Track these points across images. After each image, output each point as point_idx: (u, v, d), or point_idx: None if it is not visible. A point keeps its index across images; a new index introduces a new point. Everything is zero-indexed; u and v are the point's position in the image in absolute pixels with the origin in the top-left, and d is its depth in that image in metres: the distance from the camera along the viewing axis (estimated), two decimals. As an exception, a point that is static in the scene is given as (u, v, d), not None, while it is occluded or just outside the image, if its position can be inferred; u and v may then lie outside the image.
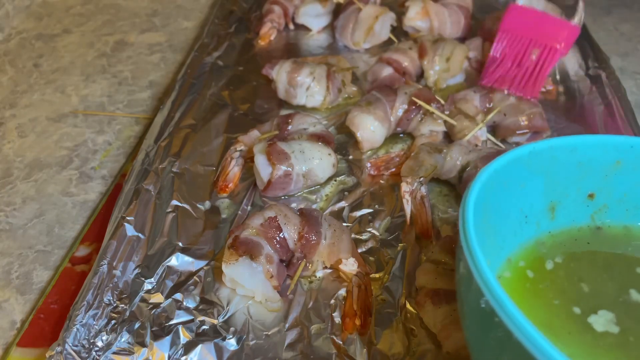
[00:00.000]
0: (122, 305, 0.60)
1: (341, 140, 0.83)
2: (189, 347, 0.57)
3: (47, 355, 0.55)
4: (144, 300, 0.61)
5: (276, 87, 0.89)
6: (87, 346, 0.57)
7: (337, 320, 0.60)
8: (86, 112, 0.95)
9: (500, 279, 0.49)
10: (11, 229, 0.76)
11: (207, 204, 0.73)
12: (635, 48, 1.08)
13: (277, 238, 0.63)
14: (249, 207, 0.73)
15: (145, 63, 1.07)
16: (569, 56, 0.99)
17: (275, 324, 0.60)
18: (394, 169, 0.78)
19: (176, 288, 0.63)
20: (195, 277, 0.64)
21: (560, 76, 0.96)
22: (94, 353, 0.56)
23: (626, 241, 0.54)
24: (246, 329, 0.59)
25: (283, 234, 0.63)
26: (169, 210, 0.72)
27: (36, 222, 0.76)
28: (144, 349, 0.57)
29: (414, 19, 1.03)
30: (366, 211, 0.72)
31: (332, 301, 0.62)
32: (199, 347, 0.57)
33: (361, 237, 0.69)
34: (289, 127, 0.78)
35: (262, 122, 0.83)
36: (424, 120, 0.81)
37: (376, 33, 1.02)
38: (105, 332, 0.58)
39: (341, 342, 0.58)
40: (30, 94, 1.00)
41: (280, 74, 0.88)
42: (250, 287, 0.61)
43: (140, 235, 0.68)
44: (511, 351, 0.37)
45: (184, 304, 0.61)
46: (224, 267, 0.61)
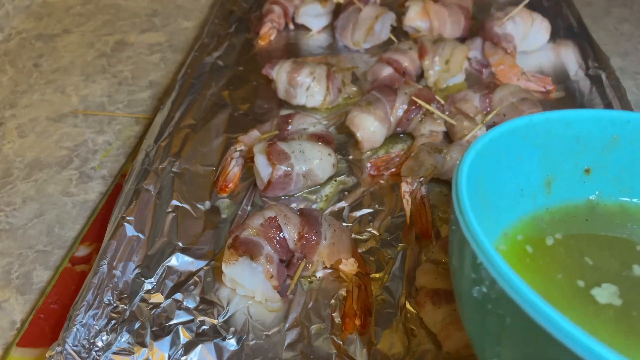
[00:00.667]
0: (122, 305, 0.60)
1: (341, 140, 0.83)
2: (189, 347, 0.57)
3: (47, 355, 0.55)
4: (144, 300, 0.61)
5: (276, 87, 0.89)
6: (87, 346, 0.57)
7: (337, 320, 0.60)
8: (86, 112, 0.95)
9: (497, 250, 0.49)
10: (11, 229, 0.76)
11: (207, 204, 0.74)
12: (635, 48, 1.08)
13: (277, 238, 0.63)
14: (249, 207, 0.73)
15: (145, 63, 1.07)
16: (569, 56, 0.99)
17: (275, 324, 0.60)
18: (394, 169, 0.78)
19: (176, 288, 0.63)
20: (195, 277, 0.64)
21: (560, 76, 0.96)
22: (94, 353, 0.56)
23: (623, 219, 0.54)
24: (246, 329, 0.59)
25: (283, 234, 0.63)
26: (169, 210, 0.72)
27: (36, 222, 0.76)
28: (144, 349, 0.57)
29: (414, 19, 1.03)
30: (366, 211, 0.72)
31: (332, 301, 0.62)
32: (199, 347, 0.57)
33: (361, 237, 0.69)
34: (289, 127, 0.78)
35: (262, 122, 0.83)
36: (424, 120, 0.81)
37: (376, 33, 1.02)
38: (105, 332, 0.58)
39: (341, 342, 0.58)
40: (30, 94, 1.00)
41: (280, 74, 0.88)
42: (250, 287, 0.61)
43: (140, 235, 0.68)
44: (510, 316, 0.36)
45: (184, 304, 0.61)
46: (224, 267, 0.61)
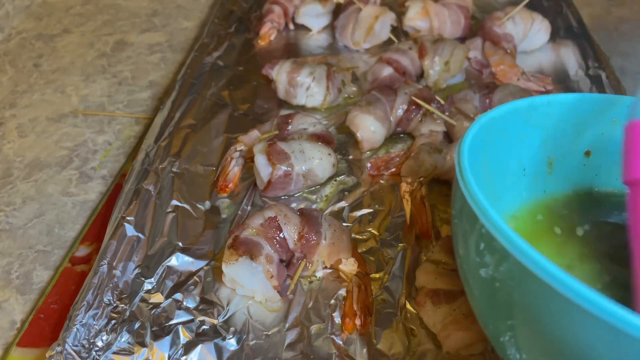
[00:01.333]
0: (122, 305, 0.60)
1: (341, 140, 0.83)
2: (189, 347, 0.57)
3: (47, 355, 0.55)
4: (144, 300, 0.61)
5: (276, 87, 0.89)
6: (87, 346, 0.57)
7: (337, 320, 0.60)
8: (86, 112, 0.95)
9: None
10: (11, 229, 0.76)
11: (207, 204, 0.73)
12: (635, 48, 1.08)
13: (277, 238, 0.63)
14: (249, 207, 0.73)
15: (145, 63, 1.07)
16: (569, 56, 0.99)
17: (275, 324, 0.60)
18: (394, 169, 0.78)
19: (176, 288, 0.63)
20: (195, 277, 0.64)
21: (560, 76, 0.96)
22: (94, 353, 0.56)
23: (621, 206, 0.54)
24: (246, 329, 0.59)
25: (283, 234, 0.63)
26: (169, 210, 0.72)
27: (36, 222, 0.76)
28: (144, 349, 0.57)
29: (414, 19, 1.03)
30: (366, 211, 0.72)
31: (332, 301, 0.62)
32: (199, 347, 0.57)
33: (361, 237, 0.69)
34: (289, 127, 0.78)
35: (262, 122, 0.83)
36: (424, 120, 0.81)
37: (376, 33, 1.02)
38: (105, 332, 0.58)
39: (341, 342, 0.58)
40: (30, 94, 1.00)
41: (280, 74, 0.88)
42: (250, 287, 0.61)
43: (140, 235, 0.68)
44: (519, 283, 0.37)
45: (184, 304, 0.61)
46: (224, 267, 0.61)
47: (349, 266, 0.63)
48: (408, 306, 0.61)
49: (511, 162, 0.53)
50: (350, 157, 0.81)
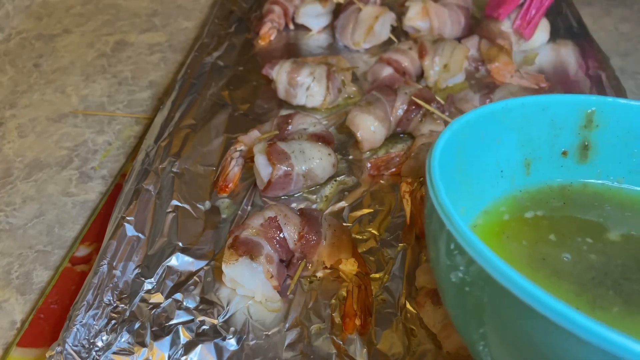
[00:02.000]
0: (122, 305, 0.60)
1: (341, 140, 0.83)
2: (189, 347, 0.57)
3: (47, 355, 0.55)
4: (144, 300, 0.61)
5: (276, 87, 0.89)
6: (87, 346, 0.57)
7: (337, 320, 0.60)
8: (86, 112, 0.95)
9: (474, 225, 0.51)
10: (11, 229, 0.76)
11: (207, 204, 0.73)
12: (635, 48, 1.08)
13: (277, 238, 0.63)
14: (249, 207, 0.73)
15: (145, 63, 1.07)
16: (569, 56, 0.99)
17: (275, 324, 0.60)
18: (394, 169, 0.78)
19: (176, 288, 0.63)
20: (195, 277, 0.64)
21: (560, 76, 0.96)
22: (94, 353, 0.56)
23: (601, 202, 0.55)
24: (246, 329, 0.59)
25: (283, 234, 0.63)
26: (169, 210, 0.72)
27: (36, 222, 0.76)
28: (144, 349, 0.57)
29: (414, 19, 1.03)
30: (366, 211, 0.72)
31: (332, 301, 0.62)
32: (199, 347, 0.57)
33: (361, 237, 0.69)
34: (289, 127, 0.78)
35: (262, 122, 0.83)
36: (424, 120, 0.81)
37: (376, 33, 1.02)
38: (105, 332, 0.58)
39: (341, 342, 0.58)
40: (30, 94, 1.00)
41: (280, 74, 0.88)
42: (250, 287, 0.61)
43: (140, 235, 0.68)
44: (485, 290, 0.37)
45: (184, 304, 0.61)
46: (224, 267, 0.61)
47: (349, 266, 0.63)
48: (408, 306, 0.61)
49: (488, 165, 0.53)
50: (350, 157, 0.81)
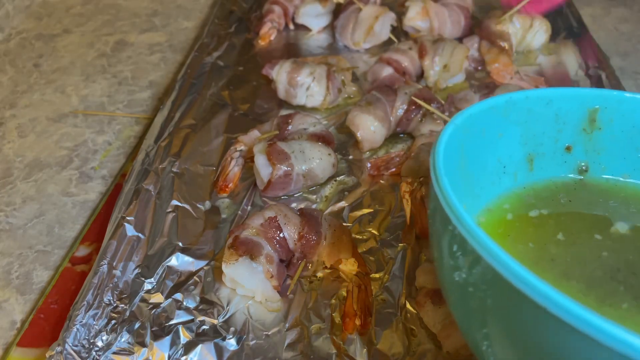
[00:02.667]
0: (122, 305, 0.60)
1: (341, 140, 0.83)
2: (189, 347, 0.57)
3: (47, 355, 0.55)
4: (144, 300, 0.61)
5: (276, 87, 0.89)
6: (87, 346, 0.57)
7: (337, 320, 0.60)
8: (86, 112, 0.95)
9: (477, 222, 0.49)
10: (11, 229, 0.76)
11: (207, 204, 0.73)
12: (635, 48, 1.08)
13: (277, 238, 0.63)
14: (249, 207, 0.73)
15: (145, 63, 1.07)
16: (569, 56, 0.99)
17: (275, 324, 0.60)
18: (394, 169, 0.78)
19: (176, 288, 0.63)
20: (195, 277, 0.64)
21: (560, 76, 0.96)
22: (94, 353, 0.56)
23: (605, 197, 0.54)
24: (246, 329, 0.59)
25: (283, 234, 0.63)
26: (169, 210, 0.72)
27: (36, 222, 0.76)
28: (144, 349, 0.57)
29: (414, 19, 1.03)
30: (366, 211, 0.72)
31: (332, 301, 0.62)
32: (199, 347, 0.57)
33: (361, 237, 0.69)
34: (289, 127, 0.78)
35: (262, 122, 0.83)
36: (424, 120, 0.81)
37: (376, 33, 1.02)
38: (105, 332, 0.58)
39: (341, 342, 0.58)
40: (30, 94, 1.00)
41: (280, 74, 0.88)
42: (250, 287, 0.61)
43: (140, 235, 0.68)
44: (490, 287, 0.37)
45: (184, 304, 0.61)
46: (224, 267, 0.61)
47: (349, 266, 0.63)
48: (408, 306, 0.61)
49: (491, 161, 0.52)
50: (350, 157, 0.81)
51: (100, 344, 0.57)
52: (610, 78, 0.92)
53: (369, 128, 0.79)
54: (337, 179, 0.77)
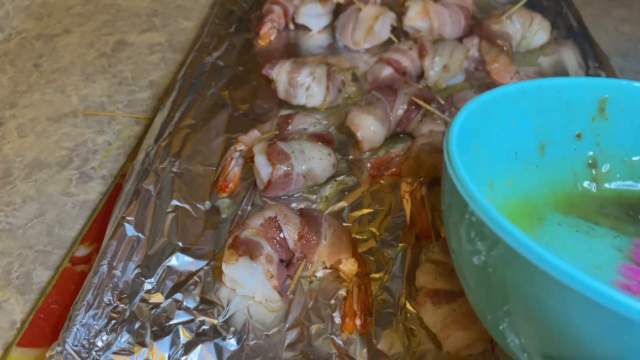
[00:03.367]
0: (122, 305, 0.60)
1: (341, 140, 0.83)
2: (189, 347, 0.57)
3: (47, 355, 0.55)
4: (144, 300, 0.61)
5: (276, 87, 0.89)
6: (87, 346, 0.57)
7: (337, 320, 0.60)
8: (86, 112, 0.95)
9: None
10: (11, 229, 0.76)
11: (207, 204, 0.73)
12: (635, 48, 1.08)
13: (277, 238, 0.63)
14: (249, 207, 0.73)
15: (145, 63, 1.07)
16: (569, 56, 0.99)
17: (275, 324, 0.60)
18: (394, 169, 0.78)
19: (176, 288, 0.63)
20: (195, 277, 0.64)
21: (560, 76, 0.96)
22: (94, 353, 0.56)
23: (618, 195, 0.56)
24: (246, 329, 0.59)
25: (283, 234, 0.63)
26: (169, 210, 0.72)
27: (36, 222, 0.76)
28: (144, 349, 0.57)
29: (414, 19, 1.03)
30: (366, 211, 0.72)
31: (332, 301, 0.62)
32: (199, 347, 0.57)
33: (361, 237, 0.69)
34: (289, 127, 0.78)
35: (262, 122, 0.83)
36: (424, 120, 0.81)
37: (376, 33, 1.02)
38: (105, 332, 0.58)
39: (341, 342, 0.58)
40: (30, 94, 1.00)
41: (280, 74, 0.88)
42: (250, 287, 0.61)
43: (140, 235, 0.68)
44: (509, 266, 0.38)
45: (184, 304, 0.61)
46: (224, 267, 0.61)
47: (349, 266, 0.63)
48: (408, 306, 0.61)
49: (503, 146, 0.54)
50: (350, 157, 0.81)
51: (100, 344, 0.57)
52: (610, 78, 0.92)
53: (369, 128, 0.79)
54: (337, 179, 0.77)
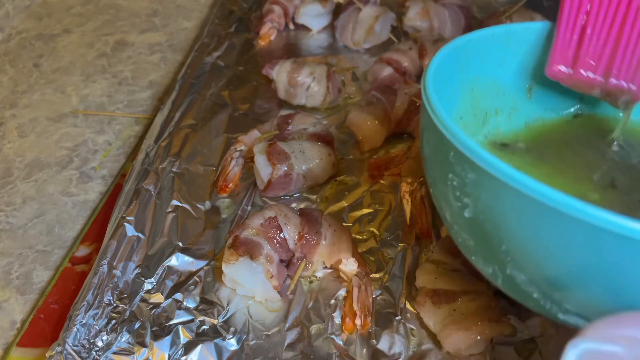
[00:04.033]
0: (122, 305, 0.60)
1: (341, 140, 0.83)
2: (189, 347, 0.57)
3: (47, 355, 0.55)
4: (144, 300, 0.61)
5: (276, 87, 0.89)
6: (87, 346, 0.57)
7: (337, 320, 0.60)
8: (86, 112, 0.95)
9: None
10: (11, 229, 0.76)
11: (207, 204, 0.74)
12: (635, 48, 1.08)
13: (277, 238, 0.63)
14: (249, 207, 0.73)
15: (145, 63, 1.07)
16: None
17: (275, 324, 0.60)
18: (394, 169, 0.78)
19: (176, 288, 0.63)
20: (195, 277, 0.64)
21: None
22: (94, 353, 0.56)
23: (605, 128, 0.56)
24: (246, 329, 0.59)
25: (283, 234, 0.63)
26: (169, 210, 0.72)
27: (36, 222, 0.76)
28: (144, 349, 0.57)
29: (414, 19, 1.03)
30: (366, 211, 0.72)
31: (332, 301, 0.62)
32: (199, 347, 0.57)
33: (361, 237, 0.69)
34: (289, 127, 0.78)
35: (262, 122, 0.83)
36: (424, 120, 0.81)
37: (376, 33, 1.02)
38: (105, 332, 0.58)
39: (341, 342, 0.58)
40: (30, 94, 1.00)
41: (280, 74, 0.88)
42: (250, 287, 0.61)
43: (140, 235, 0.68)
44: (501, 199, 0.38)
45: (184, 304, 0.61)
46: (224, 267, 0.61)
47: (349, 266, 0.63)
48: (408, 306, 0.61)
49: (491, 85, 0.54)
50: (350, 157, 0.81)
51: (100, 344, 0.57)
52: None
53: (369, 128, 0.79)
54: (337, 179, 0.77)
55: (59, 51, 1.11)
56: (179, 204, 0.73)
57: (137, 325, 0.59)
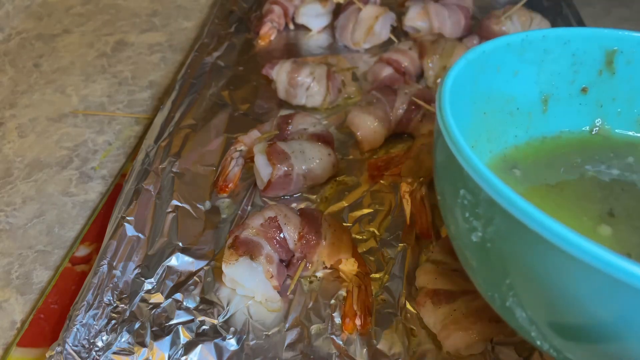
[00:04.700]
0: (122, 305, 0.60)
1: (341, 140, 0.83)
2: (189, 347, 0.57)
3: (47, 355, 0.55)
4: (144, 300, 0.61)
5: (276, 87, 0.89)
6: (87, 346, 0.57)
7: (337, 320, 0.60)
8: (86, 112, 0.95)
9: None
10: (11, 229, 0.76)
11: (207, 204, 0.74)
12: (635, 48, 1.08)
13: (277, 238, 0.63)
14: (249, 207, 0.73)
15: (145, 63, 1.07)
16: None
17: (275, 324, 0.60)
18: (394, 169, 0.78)
19: (176, 288, 0.63)
20: (195, 277, 0.64)
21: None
22: (94, 353, 0.56)
23: (623, 151, 0.53)
24: (246, 329, 0.59)
25: (283, 234, 0.63)
26: (169, 210, 0.72)
27: (36, 222, 0.76)
28: (144, 349, 0.57)
29: (414, 19, 1.03)
30: (366, 211, 0.72)
31: (332, 301, 0.62)
32: (199, 347, 0.57)
33: (361, 237, 0.69)
34: (289, 127, 0.78)
35: (262, 122, 0.83)
36: (424, 120, 0.81)
37: (376, 33, 1.02)
38: (105, 332, 0.58)
39: (341, 342, 0.58)
40: (30, 94, 1.00)
41: (280, 74, 0.88)
42: (250, 287, 0.61)
43: (140, 235, 0.68)
44: (507, 233, 0.36)
45: (184, 304, 0.61)
46: (224, 267, 0.61)
47: (349, 266, 0.63)
48: (408, 306, 0.61)
49: (505, 98, 0.51)
50: (350, 157, 0.81)
51: (100, 344, 0.57)
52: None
53: (369, 128, 0.79)
54: (337, 179, 0.77)
55: (59, 51, 1.11)
56: (179, 204, 0.73)
57: (137, 326, 0.59)
